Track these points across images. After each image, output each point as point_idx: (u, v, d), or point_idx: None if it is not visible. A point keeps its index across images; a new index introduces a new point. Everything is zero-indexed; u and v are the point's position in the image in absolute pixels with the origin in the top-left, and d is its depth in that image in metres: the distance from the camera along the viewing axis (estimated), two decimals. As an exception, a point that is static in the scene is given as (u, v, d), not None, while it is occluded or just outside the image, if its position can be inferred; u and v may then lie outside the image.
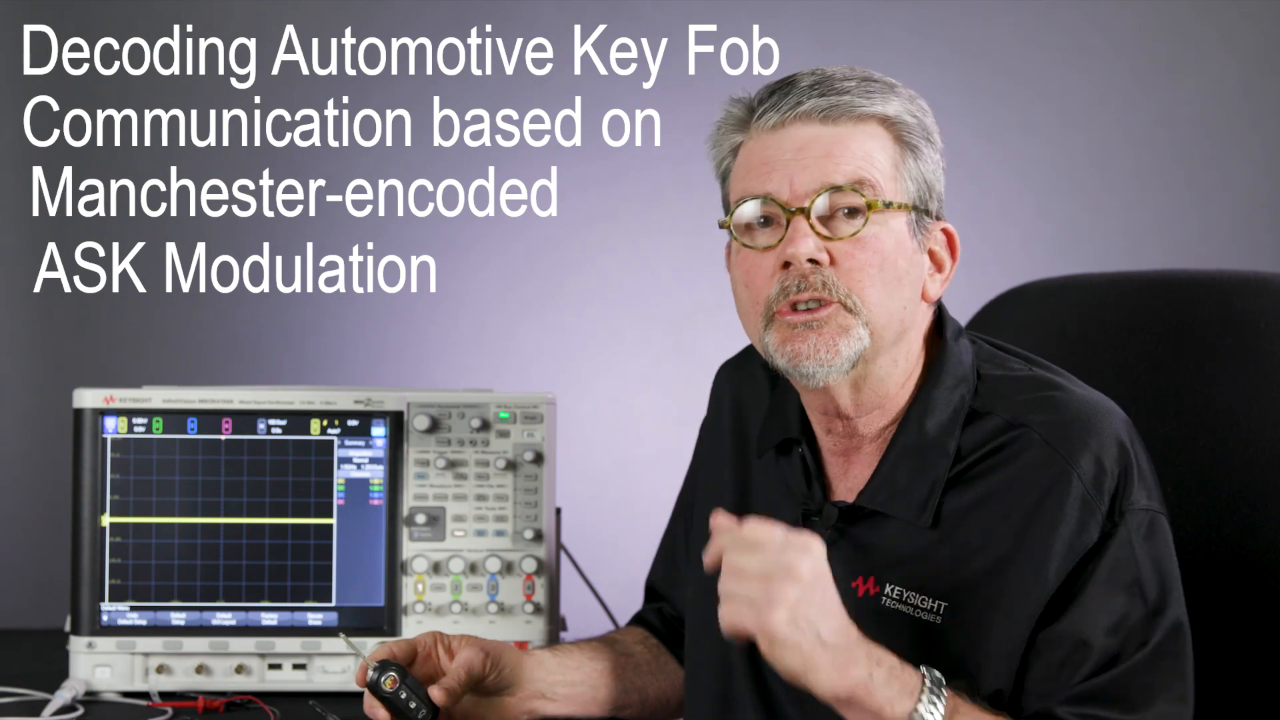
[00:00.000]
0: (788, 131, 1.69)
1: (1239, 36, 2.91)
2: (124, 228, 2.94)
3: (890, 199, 1.68)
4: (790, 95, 1.69)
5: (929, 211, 1.72)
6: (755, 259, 1.70)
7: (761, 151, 1.70)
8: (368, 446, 2.05)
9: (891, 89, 1.71)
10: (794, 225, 1.66)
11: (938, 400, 1.70)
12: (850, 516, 1.73)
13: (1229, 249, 2.90)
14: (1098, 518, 1.61)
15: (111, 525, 2.03)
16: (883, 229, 1.67)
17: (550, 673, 1.89)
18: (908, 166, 1.70)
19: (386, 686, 1.70)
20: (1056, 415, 1.66)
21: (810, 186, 1.67)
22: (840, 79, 1.70)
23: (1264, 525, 1.80)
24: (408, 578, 2.05)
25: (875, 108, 1.69)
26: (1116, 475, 1.62)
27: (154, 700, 2.02)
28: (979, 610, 1.63)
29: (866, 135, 1.69)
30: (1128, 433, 1.67)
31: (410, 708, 1.71)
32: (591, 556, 2.30)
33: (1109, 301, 2.06)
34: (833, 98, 1.68)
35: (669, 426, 2.31)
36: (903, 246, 1.69)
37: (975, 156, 2.92)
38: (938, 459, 1.68)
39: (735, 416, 1.91)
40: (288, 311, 2.98)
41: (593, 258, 2.98)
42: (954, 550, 1.64)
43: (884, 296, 1.67)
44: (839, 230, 1.66)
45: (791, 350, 1.67)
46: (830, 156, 1.67)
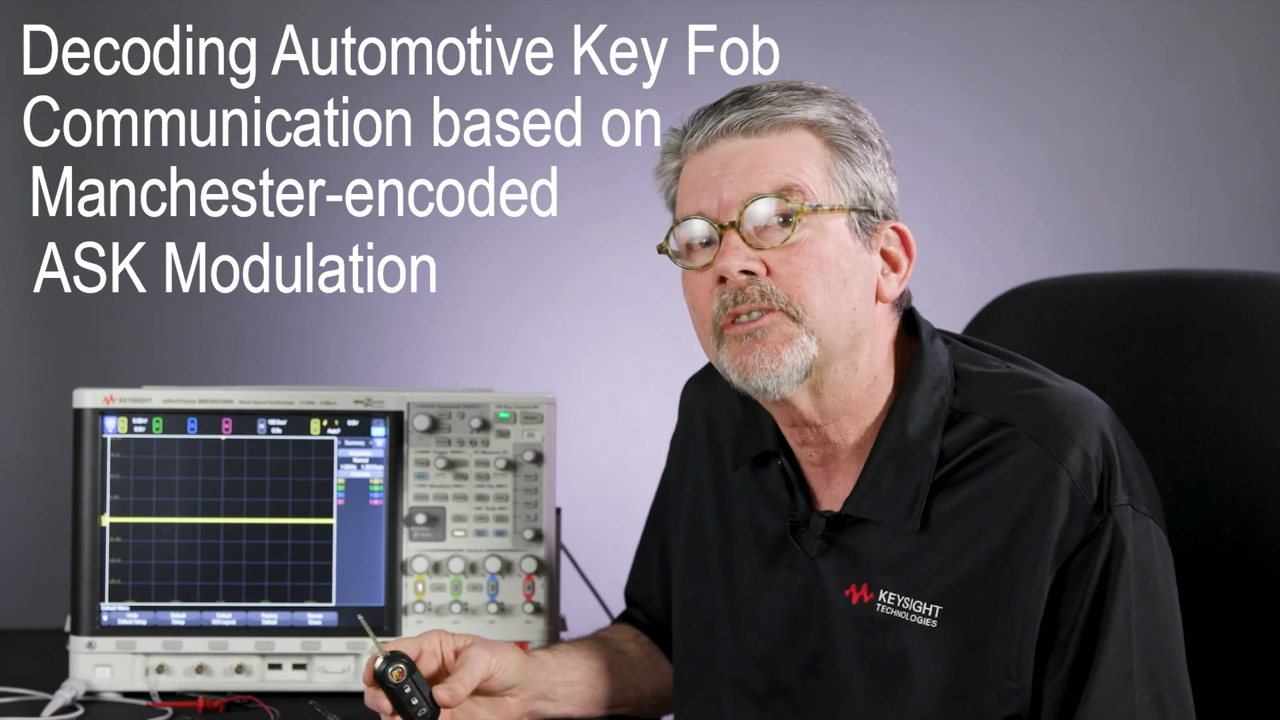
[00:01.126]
0: (714, 149, 1.70)
1: (1239, 36, 2.91)
2: (124, 228, 2.94)
3: (821, 202, 1.67)
4: (714, 114, 1.70)
5: (874, 211, 1.71)
6: (696, 279, 1.70)
7: (693, 173, 1.71)
8: (368, 446, 2.05)
9: (817, 94, 1.71)
10: (725, 240, 1.67)
11: (917, 404, 1.70)
12: (837, 525, 1.73)
13: (1229, 249, 2.90)
14: (1086, 511, 1.62)
15: (111, 525, 2.03)
16: (818, 232, 1.67)
17: (551, 673, 1.89)
18: (841, 169, 1.69)
19: (393, 678, 1.71)
20: (1040, 412, 1.66)
21: (737, 199, 1.67)
22: (764, 90, 1.70)
23: (1263, 525, 1.80)
24: (408, 578, 2.05)
25: (797, 113, 1.68)
26: (1102, 465, 1.63)
27: (154, 700, 2.02)
28: (975, 612, 1.63)
29: (791, 143, 1.68)
30: (1109, 421, 1.67)
31: (413, 704, 1.71)
32: (591, 556, 2.29)
33: (1109, 301, 2.05)
34: (754, 109, 1.68)
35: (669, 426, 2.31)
36: (844, 248, 1.68)
37: (975, 156, 2.92)
38: (921, 462, 1.68)
39: (707, 430, 1.91)
40: (288, 311, 2.98)
41: (593, 258, 2.98)
42: (945, 553, 1.64)
43: (828, 300, 1.66)
44: (771, 239, 1.66)
45: (740, 364, 1.67)
46: (755, 168, 1.67)
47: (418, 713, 1.72)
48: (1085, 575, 1.62)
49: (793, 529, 1.75)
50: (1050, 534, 1.62)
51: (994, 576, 1.63)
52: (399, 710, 1.72)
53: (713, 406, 1.91)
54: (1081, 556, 1.62)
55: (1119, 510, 1.62)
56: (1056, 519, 1.62)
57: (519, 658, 1.85)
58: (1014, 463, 1.65)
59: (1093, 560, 1.62)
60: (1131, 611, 1.61)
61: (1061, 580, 1.62)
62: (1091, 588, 1.62)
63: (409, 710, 1.72)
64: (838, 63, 2.89)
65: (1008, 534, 1.63)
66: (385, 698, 1.72)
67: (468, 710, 1.81)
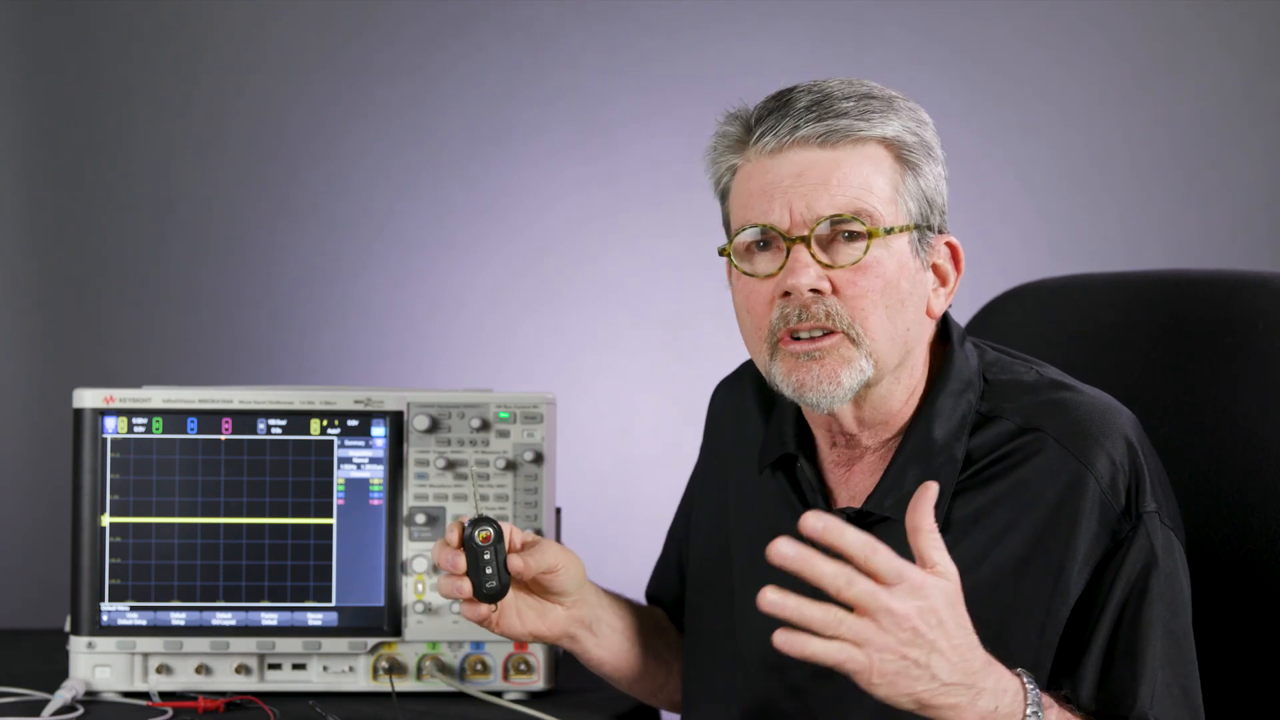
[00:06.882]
0: (785, 156, 1.66)
1: (1239, 36, 2.91)
2: (124, 227, 2.95)
3: (891, 224, 1.66)
4: (787, 118, 1.66)
5: (931, 227, 1.70)
6: (755, 285, 1.68)
7: (761, 177, 1.68)
8: (368, 446, 2.05)
9: (891, 105, 1.68)
10: (794, 254, 1.65)
11: (944, 406, 1.70)
12: (856, 524, 1.72)
13: (1229, 249, 2.90)
14: (1114, 517, 1.62)
15: (111, 525, 2.03)
16: (884, 252, 1.66)
17: (604, 607, 1.89)
18: (908, 186, 1.67)
19: (479, 539, 1.72)
20: (1068, 418, 1.66)
21: (809, 215, 1.65)
22: (839, 98, 1.67)
23: (1263, 525, 1.80)
24: (408, 578, 2.05)
25: (875, 130, 1.66)
26: (1129, 472, 1.63)
27: (154, 700, 2.02)
28: (995, 616, 1.62)
29: (865, 158, 1.66)
30: (1135, 431, 1.67)
31: (486, 572, 1.72)
32: (591, 556, 2.29)
33: (1109, 301, 2.06)
34: (830, 121, 1.65)
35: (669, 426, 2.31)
36: (905, 268, 1.67)
37: (975, 156, 2.92)
38: (946, 465, 1.68)
39: (731, 435, 1.91)
40: (288, 311, 2.98)
41: (593, 258, 2.98)
42: (966, 556, 1.62)
43: (886, 323, 1.66)
44: (840, 257, 1.65)
45: (796, 380, 1.66)
46: (828, 184, 1.65)
47: (488, 582, 1.73)
48: (1113, 582, 1.62)
49: None
50: (1076, 540, 1.62)
51: (1016, 581, 1.62)
52: (471, 574, 1.73)
53: (738, 411, 1.91)
54: (1109, 563, 1.62)
55: (1149, 518, 1.62)
56: (1082, 525, 1.61)
57: (583, 571, 1.84)
58: (1040, 468, 1.65)
59: (1120, 567, 1.62)
60: (1156, 621, 1.61)
61: (1086, 587, 1.62)
62: (1118, 595, 1.62)
63: (481, 576, 1.72)
64: (838, 63, 2.89)
65: (1032, 539, 1.62)
66: (464, 557, 1.73)
67: (516, 608, 1.80)
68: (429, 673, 2.04)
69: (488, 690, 2.04)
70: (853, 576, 1.44)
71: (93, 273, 2.96)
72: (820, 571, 1.43)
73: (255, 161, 2.94)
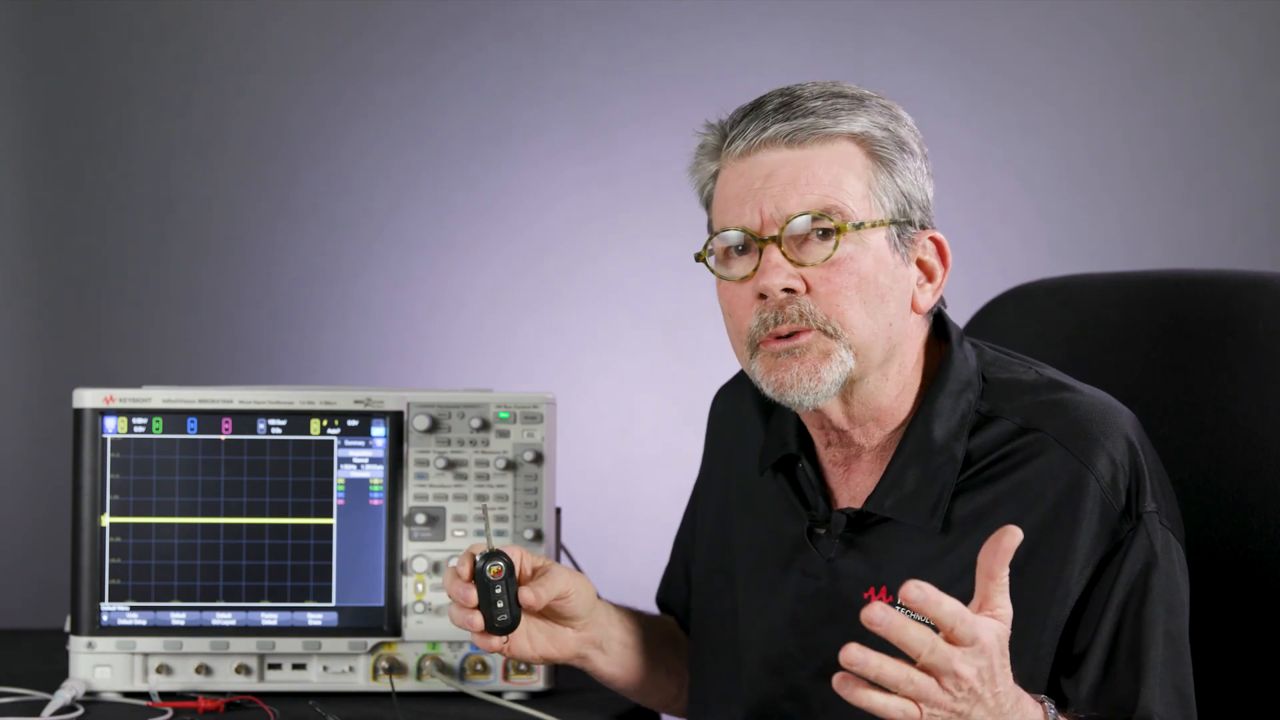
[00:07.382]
0: (756, 159, 1.67)
1: (1239, 36, 2.91)
2: (124, 227, 2.95)
3: (863, 219, 1.66)
4: (756, 121, 1.67)
5: (912, 222, 1.70)
6: (734, 289, 1.69)
7: (734, 181, 1.69)
8: (368, 446, 2.05)
9: (861, 103, 1.69)
10: (765, 255, 1.66)
11: (943, 406, 1.70)
12: (858, 525, 1.72)
13: (1229, 249, 2.91)
14: (1114, 517, 1.62)
15: (111, 525, 2.03)
16: (859, 248, 1.66)
17: (614, 624, 1.89)
18: (881, 182, 1.67)
19: (491, 574, 1.72)
20: (1068, 418, 1.66)
21: (779, 215, 1.65)
22: (808, 98, 1.68)
23: (1263, 525, 1.80)
24: (408, 578, 2.05)
25: (842, 127, 1.66)
26: (1129, 472, 1.63)
27: (154, 700, 2.02)
28: None
29: (835, 156, 1.67)
30: (1135, 431, 1.67)
31: (498, 606, 1.73)
32: (591, 556, 2.29)
33: (1109, 301, 2.06)
34: (797, 120, 1.66)
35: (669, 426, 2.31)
36: (884, 264, 1.67)
37: (975, 156, 2.92)
38: (946, 465, 1.68)
39: (732, 439, 1.91)
40: (288, 311, 2.98)
41: (593, 258, 2.98)
42: (966, 556, 1.62)
43: (865, 317, 1.66)
44: (812, 255, 1.65)
45: (776, 379, 1.67)
46: (797, 182, 1.65)
47: (499, 616, 1.73)
48: (1114, 583, 1.62)
49: (810, 531, 1.75)
50: (1077, 540, 1.62)
51: (1016, 581, 1.63)
52: (483, 608, 1.73)
53: (738, 416, 1.91)
54: (1109, 563, 1.62)
55: (1148, 518, 1.63)
56: (1083, 525, 1.62)
57: (593, 593, 1.84)
58: (1040, 467, 1.65)
59: (1121, 567, 1.62)
60: (1157, 621, 1.61)
61: (1086, 587, 1.62)
62: (1119, 595, 1.62)
63: (493, 610, 1.73)
64: (838, 63, 2.89)
65: (1032, 539, 1.62)
66: (475, 591, 1.73)
67: (527, 632, 1.80)
68: (429, 673, 2.04)
69: (488, 690, 2.04)
70: (936, 643, 1.45)
71: (93, 273, 2.96)
72: (910, 637, 1.44)
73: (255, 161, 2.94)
